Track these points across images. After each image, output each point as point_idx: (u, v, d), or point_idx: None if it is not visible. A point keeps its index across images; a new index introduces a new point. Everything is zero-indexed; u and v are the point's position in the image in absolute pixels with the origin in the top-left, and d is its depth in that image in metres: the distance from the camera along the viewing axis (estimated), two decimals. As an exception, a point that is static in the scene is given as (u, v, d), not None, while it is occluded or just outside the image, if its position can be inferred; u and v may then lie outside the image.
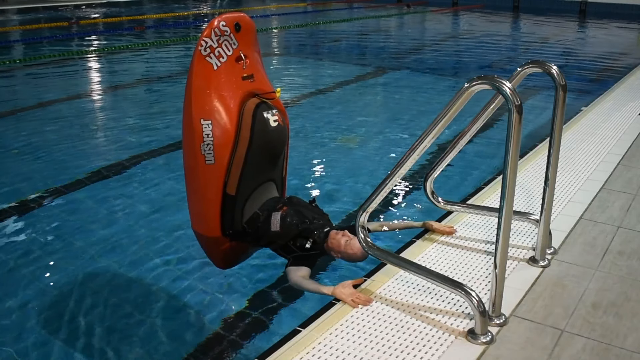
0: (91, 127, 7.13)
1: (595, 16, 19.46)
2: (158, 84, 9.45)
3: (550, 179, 2.92)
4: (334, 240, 2.95)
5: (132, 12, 19.51)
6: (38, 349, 3.16)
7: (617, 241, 3.33)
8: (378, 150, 6.32)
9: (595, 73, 10.51)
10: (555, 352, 2.39)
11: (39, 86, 9.21)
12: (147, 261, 3.99)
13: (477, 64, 11.25)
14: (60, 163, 5.74)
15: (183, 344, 3.22)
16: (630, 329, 2.56)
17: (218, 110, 2.90)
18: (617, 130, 5.43)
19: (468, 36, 15.77)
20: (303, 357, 2.33)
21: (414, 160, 2.55)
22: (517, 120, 2.25)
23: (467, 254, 3.17)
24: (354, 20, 18.53)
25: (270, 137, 3.03)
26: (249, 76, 3.03)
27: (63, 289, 3.69)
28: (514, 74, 2.94)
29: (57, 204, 4.83)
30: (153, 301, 3.60)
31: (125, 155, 5.94)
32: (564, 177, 4.22)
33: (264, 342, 3.12)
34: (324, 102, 8.26)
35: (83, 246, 4.18)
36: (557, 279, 2.92)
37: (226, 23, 2.91)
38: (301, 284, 2.86)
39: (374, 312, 2.63)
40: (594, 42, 15.19)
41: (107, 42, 13.47)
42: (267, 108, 3.05)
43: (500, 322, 2.56)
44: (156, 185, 5.26)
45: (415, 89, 9.22)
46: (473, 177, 5.33)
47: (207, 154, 2.92)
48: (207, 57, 2.90)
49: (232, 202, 3.02)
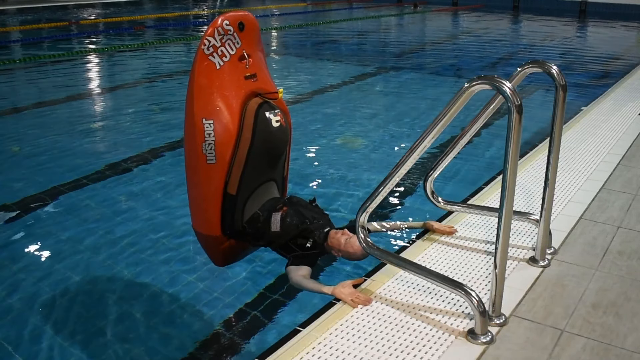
0: (91, 127, 7.12)
1: (595, 16, 19.48)
2: (159, 84, 9.45)
3: (550, 179, 2.92)
4: (334, 239, 2.95)
5: (132, 12, 19.52)
6: (38, 348, 3.16)
7: (617, 241, 3.34)
8: (378, 150, 6.32)
9: (595, 73, 10.51)
10: (555, 352, 2.40)
11: (39, 86, 9.20)
12: (147, 261, 3.99)
13: (477, 64, 11.26)
14: (60, 163, 5.74)
15: (183, 343, 3.22)
16: (630, 329, 2.56)
17: (220, 110, 2.89)
18: (617, 130, 5.43)
19: (468, 36, 15.78)
20: (303, 357, 2.33)
21: (414, 160, 2.55)
22: (517, 120, 2.25)
23: (467, 254, 3.18)
24: (354, 20, 18.53)
25: (272, 137, 3.02)
26: (252, 75, 3.02)
27: (62, 288, 3.69)
28: (514, 74, 2.94)
29: (57, 204, 4.83)
30: (153, 301, 3.60)
31: (126, 154, 5.93)
32: (564, 177, 4.22)
33: (264, 341, 3.12)
34: (324, 102, 8.26)
35: (83, 246, 4.18)
36: (557, 279, 2.93)
37: (230, 22, 2.90)
38: (301, 283, 2.86)
39: (374, 312, 2.63)
40: (594, 42, 15.21)
41: (107, 42, 13.47)
42: (270, 108, 3.04)
43: (500, 322, 2.56)
44: (157, 185, 5.26)
45: (416, 88, 9.23)
46: (473, 177, 5.33)
47: (209, 154, 2.92)
48: (210, 56, 2.89)
49: (232, 202, 3.01)
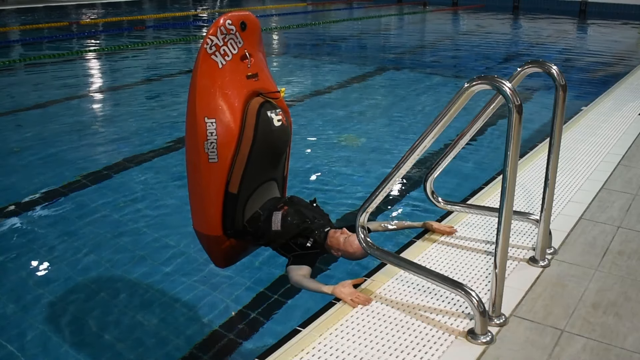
0: (92, 127, 7.12)
1: (595, 16, 19.48)
2: (159, 84, 9.45)
3: (550, 179, 2.92)
4: (333, 238, 2.95)
5: (132, 12, 19.51)
6: (38, 349, 3.17)
7: (617, 241, 3.33)
8: (378, 150, 6.32)
9: (595, 73, 10.52)
10: (555, 352, 2.39)
11: (39, 86, 9.20)
12: (147, 261, 3.99)
13: (477, 64, 11.26)
14: (60, 163, 5.74)
15: (183, 343, 3.22)
16: (630, 329, 2.56)
17: (222, 109, 2.90)
18: (617, 130, 5.43)
19: (468, 36, 15.79)
20: (303, 357, 2.33)
21: (414, 160, 2.55)
22: (517, 120, 2.25)
23: (467, 254, 3.17)
24: (354, 20, 18.53)
25: (274, 136, 3.03)
26: (254, 75, 3.03)
27: (62, 288, 3.69)
28: (514, 74, 2.94)
29: (57, 204, 4.83)
30: (153, 301, 3.60)
31: (126, 154, 5.94)
32: (564, 177, 4.22)
33: (264, 341, 3.12)
34: (324, 102, 8.26)
35: (82, 246, 4.18)
36: (557, 279, 2.93)
37: (232, 21, 2.91)
38: (301, 282, 2.86)
39: (374, 312, 2.63)
40: (594, 42, 15.21)
41: (107, 42, 13.47)
42: (271, 107, 3.05)
43: (500, 322, 2.56)
44: (157, 185, 5.27)
45: (416, 88, 9.23)
46: (473, 177, 5.33)
47: (211, 152, 2.92)
48: (213, 56, 2.90)
49: (233, 201, 3.02)
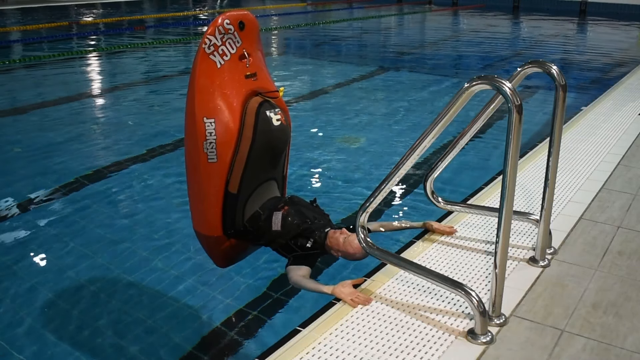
0: (91, 127, 7.12)
1: (595, 16, 19.47)
2: (159, 84, 9.45)
3: (550, 179, 2.92)
4: (333, 238, 2.95)
5: (132, 12, 19.51)
6: (38, 348, 3.17)
7: (617, 241, 3.33)
8: (378, 150, 6.32)
9: (595, 73, 10.51)
10: (555, 352, 2.39)
11: (39, 86, 9.20)
12: (147, 261, 3.99)
13: (478, 64, 11.26)
14: (60, 163, 5.74)
15: (183, 343, 3.23)
16: (630, 329, 2.56)
17: (221, 109, 2.90)
18: (617, 130, 5.43)
19: (468, 36, 15.78)
20: (303, 357, 2.33)
21: (414, 160, 2.55)
22: (517, 120, 2.25)
23: (467, 254, 3.17)
24: (353, 20, 18.53)
25: (273, 136, 3.03)
26: (252, 74, 3.02)
27: (62, 288, 3.69)
28: (514, 74, 2.94)
29: (57, 204, 4.83)
30: (153, 300, 3.60)
31: (125, 155, 5.94)
32: (564, 177, 4.22)
33: (263, 341, 3.12)
34: (324, 102, 8.26)
35: (83, 246, 4.18)
36: (557, 279, 2.92)
37: (230, 21, 2.90)
38: (301, 283, 2.86)
39: (374, 312, 2.63)
40: (594, 42, 15.21)
41: (107, 42, 13.47)
42: (270, 107, 3.05)
43: (500, 322, 2.56)
44: (157, 185, 5.26)
45: (416, 88, 9.23)
46: (473, 177, 5.32)
47: (210, 152, 2.92)
48: (211, 55, 2.89)
49: (233, 201, 3.02)
